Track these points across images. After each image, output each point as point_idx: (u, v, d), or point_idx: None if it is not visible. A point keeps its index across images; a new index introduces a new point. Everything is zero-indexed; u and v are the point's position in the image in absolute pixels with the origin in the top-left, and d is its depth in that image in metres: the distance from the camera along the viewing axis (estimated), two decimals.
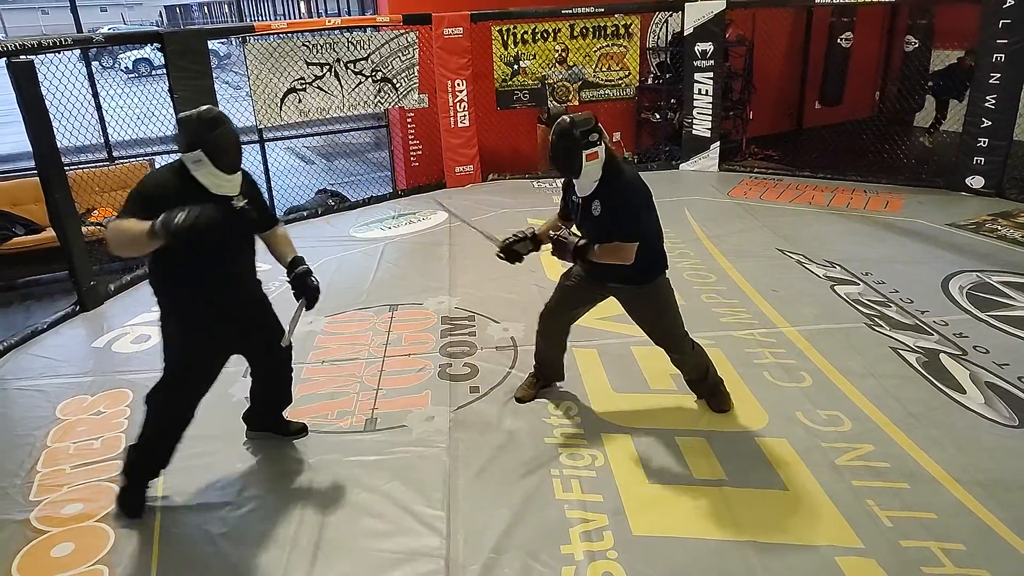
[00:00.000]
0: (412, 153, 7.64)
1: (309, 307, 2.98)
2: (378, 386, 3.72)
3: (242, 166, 2.76)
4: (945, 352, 3.78)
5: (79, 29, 7.01)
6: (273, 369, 3.13)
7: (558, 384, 3.59)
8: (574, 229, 3.04)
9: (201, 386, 2.87)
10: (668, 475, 2.95)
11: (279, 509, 2.86)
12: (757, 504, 2.76)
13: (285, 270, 3.02)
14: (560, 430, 3.28)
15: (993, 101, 6.11)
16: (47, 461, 3.25)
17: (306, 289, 2.96)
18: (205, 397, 2.90)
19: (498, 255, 3.21)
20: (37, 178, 4.68)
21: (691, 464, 3.00)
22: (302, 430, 3.35)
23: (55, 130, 4.67)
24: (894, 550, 2.50)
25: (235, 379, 3.85)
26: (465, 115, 7.36)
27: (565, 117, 2.87)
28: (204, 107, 2.71)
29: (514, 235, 3.20)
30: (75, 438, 3.41)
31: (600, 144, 2.82)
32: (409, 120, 7.53)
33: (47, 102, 4.62)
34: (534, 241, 3.18)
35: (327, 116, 6.84)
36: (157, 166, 6.26)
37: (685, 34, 7.46)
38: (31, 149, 4.53)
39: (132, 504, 2.88)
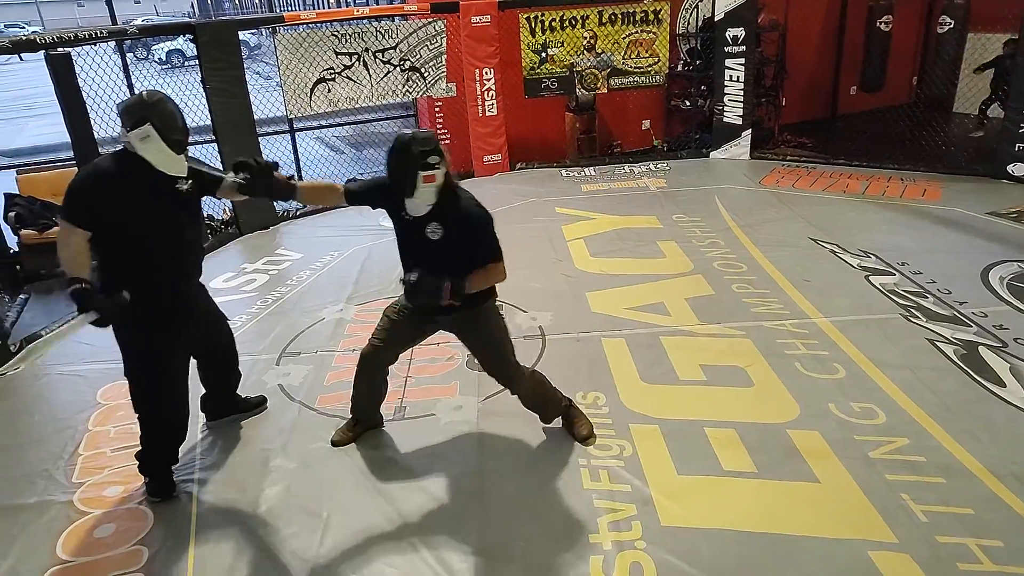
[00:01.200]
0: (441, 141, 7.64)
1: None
2: (407, 375, 3.76)
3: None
4: (984, 344, 3.70)
5: (114, 21, 7.13)
6: (221, 348, 3.19)
7: (379, 426, 3.31)
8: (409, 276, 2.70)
9: (166, 382, 2.85)
10: (697, 466, 2.93)
11: (311, 493, 2.91)
12: (788, 497, 2.73)
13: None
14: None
15: None
16: (89, 444, 3.34)
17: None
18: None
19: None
20: (75, 168, 4.78)
21: (721, 455, 2.98)
22: (262, 403, 3.47)
23: (92, 121, 4.77)
24: (930, 546, 2.46)
25: (268, 367, 3.93)
26: (493, 104, 7.34)
27: (405, 132, 2.71)
28: (147, 90, 2.73)
29: (253, 161, 2.84)
30: (115, 422, 3.50)
31: (439, 168, 2.62)
32: (437, 109, 7.54)
33: (84, 93, 4.72)
34: (283, 184, 2.83)
35: (356, 105, 6.88)
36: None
37: (716, 19, 7.33)
38: (69, 139, 4.63)
39: (161, 489, 2.95)
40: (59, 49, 4.50)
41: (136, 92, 2.72)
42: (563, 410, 3.16)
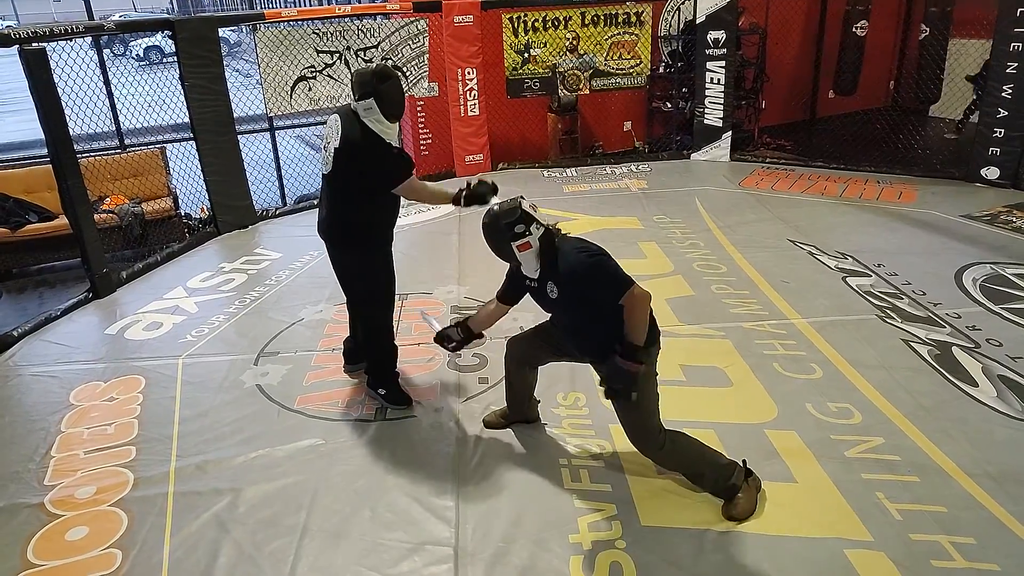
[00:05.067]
0: (422, 142, 7.63)
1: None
2: None
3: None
4: (957, 345, 3.76)
5: (90, 16, 7.03)
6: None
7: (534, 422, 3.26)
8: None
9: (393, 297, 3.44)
10: None
11: (289, 496, 2.89)
12: (766, 496, 2.75)
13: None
14: (568, 420, 3.28)
15: (1009, 91, 6.02)
16: (61, 446, 3.29)
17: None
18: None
19: (435, 339, 3.09)
20: (50, 165, 4.71)
21: None
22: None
23: (67, 117, 4.69)
24: (904, 543, 2.49)
25: (246, 367, 3.89)
26: (475, 103, 7.34)
27: (492, 207, 2.68)
28: (377, 64, 2.98)
29: (448, 327, 3.07)
30: (89, 424, 3.45)
31: (529, 234, 2.57)
32: (419, 109, 7.51)
33: (59, 89, 4.64)
34: (464, 331, 3.01)
35: (337, 104, 6.82)
36: (169, 153, 6.33)
37: (697, 22, 7.39)
38: (44, 136, 4.56)
39: (402, 397, 3.45)
40: (34, 44, 4.41)
41: (365, 66, 3.20)
42: (725, 482, 2.67)
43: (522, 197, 2.66)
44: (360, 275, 3.36)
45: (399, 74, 3.08)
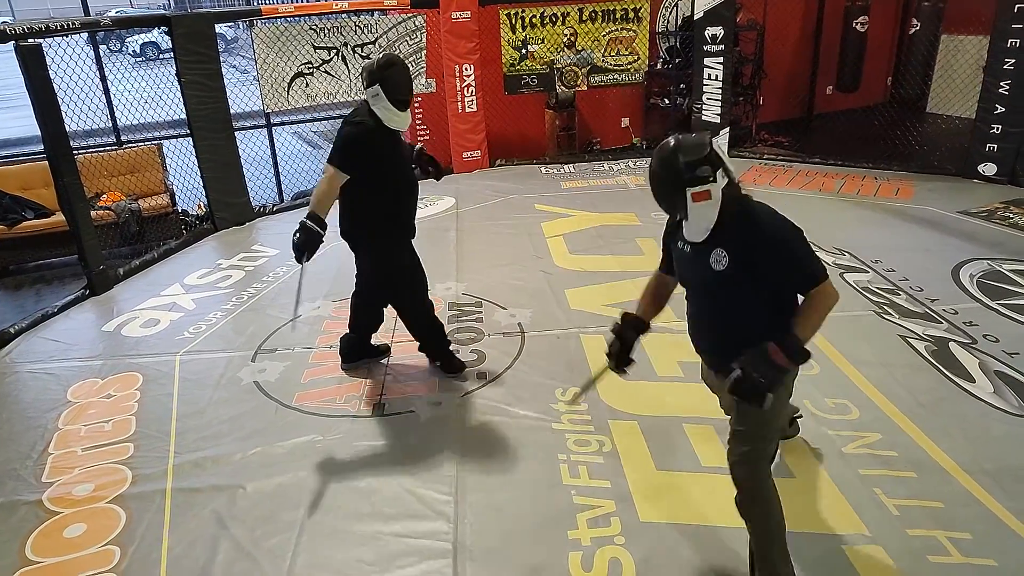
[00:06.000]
0: (419, 138, 7.61)
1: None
2: (386, 371, 3.74)
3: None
4: (954, 341, 3.76)
5: (86, 12, 7.00)
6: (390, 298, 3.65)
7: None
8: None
9: (383, 296, 3.54)
10: (675, 462, 2.96)
11: (288, 492, 2.89)
12: None
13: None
14: (567, 416, 3.28)
15: (1007, 87, 6.03)
16: (59, 443, 3.28)
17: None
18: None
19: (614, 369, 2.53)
20: (46, 162, 4.69)
21: (699, 451, 3.00)
22: (387, 350, 3.88)
23: (63, 114, 4.67)
24: (901, 539, 2.50)
25: (243, 363, 3.88)
26: (473, 100, 7.32)
27: (671, 139, 2.13)
28: (384, 54, 3.20)
29: (617, 342, 2.49)
30: (86, 421, 3.45)
31: (713, 181, 2.07)
32: (416, 105, 7.50)
33: (55, 86, 4.62)
34: (637, 328, 2.52)
35: (334, 100, 6.82)
36: (166, 150, 6.32)
37: (695, 18, 7.37)
38: (40, 133, 4.54)
39: (453, 365, 3.63)
40: (30, 40, 4.40)
41: (372, 57, 3.39)
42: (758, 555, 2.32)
43: (712, 134, 2.10)
44: (372, 271, 3.42)
45: (403, 62, 3.21)
